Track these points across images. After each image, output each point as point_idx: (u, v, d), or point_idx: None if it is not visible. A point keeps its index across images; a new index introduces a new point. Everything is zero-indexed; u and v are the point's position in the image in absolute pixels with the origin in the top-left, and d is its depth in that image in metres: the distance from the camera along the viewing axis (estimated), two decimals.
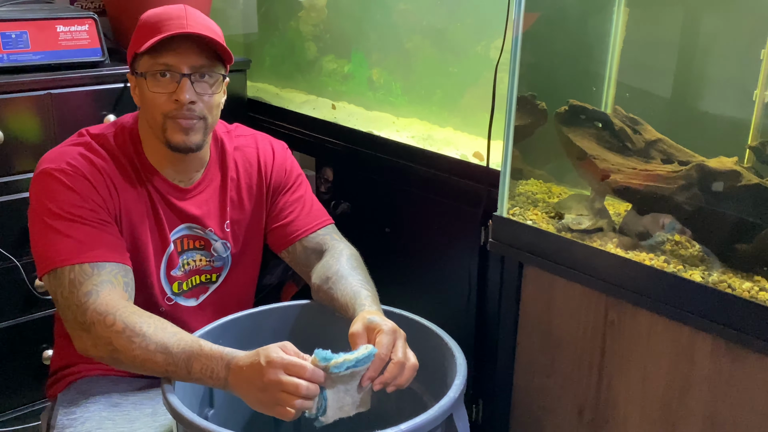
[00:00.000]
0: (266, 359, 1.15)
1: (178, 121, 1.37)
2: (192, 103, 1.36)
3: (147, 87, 1.36)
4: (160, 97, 1.36)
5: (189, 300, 1.52)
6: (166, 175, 1.45)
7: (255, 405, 1.18)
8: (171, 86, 1.36)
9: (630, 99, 1.60)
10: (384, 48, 2.10)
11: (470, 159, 1.76)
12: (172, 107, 1.36)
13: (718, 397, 1.29)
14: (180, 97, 1.35)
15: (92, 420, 1.36)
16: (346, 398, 1.19)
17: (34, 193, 1.36)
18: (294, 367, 1.14)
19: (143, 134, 1.44)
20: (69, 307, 1.28)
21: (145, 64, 1.37)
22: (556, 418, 1.58)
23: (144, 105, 1.40)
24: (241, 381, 1.18)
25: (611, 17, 1.63)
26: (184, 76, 1.35)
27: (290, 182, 1.58)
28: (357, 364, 1.17)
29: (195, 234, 1.50)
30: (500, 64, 1.55)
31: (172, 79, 1.36)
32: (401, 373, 1.21)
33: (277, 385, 1.13)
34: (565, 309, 1.51)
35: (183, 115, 1.36)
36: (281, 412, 1.14)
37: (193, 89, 1.36)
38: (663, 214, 1.40)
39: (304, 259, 1.54)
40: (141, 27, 1.39)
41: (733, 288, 1.25)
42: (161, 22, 1.36)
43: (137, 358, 1.24)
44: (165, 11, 1.38)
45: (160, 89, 1.36)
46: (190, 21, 1.36)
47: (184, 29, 1.34)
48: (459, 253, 1.76)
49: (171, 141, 1.38)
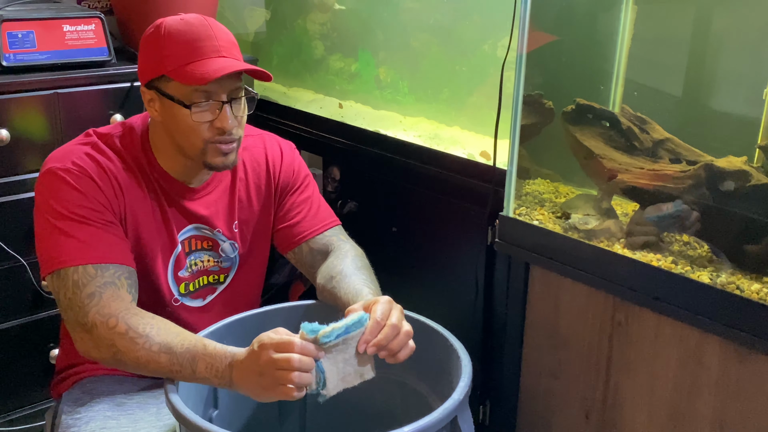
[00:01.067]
0: (258, 343, 1.16)
1: (219, 147, 1.37)
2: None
3: (188, 116, 1.34)
4: (203, 125, 1.35)
5: (196, 300, 1.52)
6: (174, 175, 1.44)
7: (258, 393, 1.18)
8: (212, 113, 1.35)
9: (638, 98, 1.59)
10: (391, 47, 2.09)
11: (477, 158, 1.75)
12: (215, 134, 1.36)
13: (726, 400, 1.28)
14: (224, 125, 1.35)
15: (96, 420, 1.36)
16: (346, 368, 1.19)
17: (40, 193, 1.36)
18: (283, 344, 1.15)
19: (157, 142, 1.42)
20: (72, 308, 1.28)
21: (181, 91, 1.34)
22: (562, 419, 1.57)
23: (180, 131, 1.37)
24: (242, 374, 1.18)
25: (619, 15, 1.62)
26: (225, 104, 1.35)
27: (298, 183, 1.58)
28: (347, 330, 1.17)
29: (203, 234, 1.49)
30: (507, 62, 1.54)
31: (214, 106, 1.35)
32: (395, 338, 1.20)
33: (271, 365, 1.14)
34: (572, 310, 1.50)
35: (224, 140, 1.37)
36: (283, 391, 1.14)
37: (233, 114, 1.36)
38: (665, 203, 1.39)
39: (310, 261, 1.54)
40: (167, 45, 1.34)
41: (742, 289, 1.23)
42: (193, 44, 1.33)
43: (140, 360, 1.24)
44: (191, 29, 1.34)
45: (204, 118, 1.35)
46: (221, 42, 1.34)
47: (219, 54, 1.33)
48: (465, 252, 1.75)
49: (211, 164, 1.39)
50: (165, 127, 1.39)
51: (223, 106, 1.35)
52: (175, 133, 1.38)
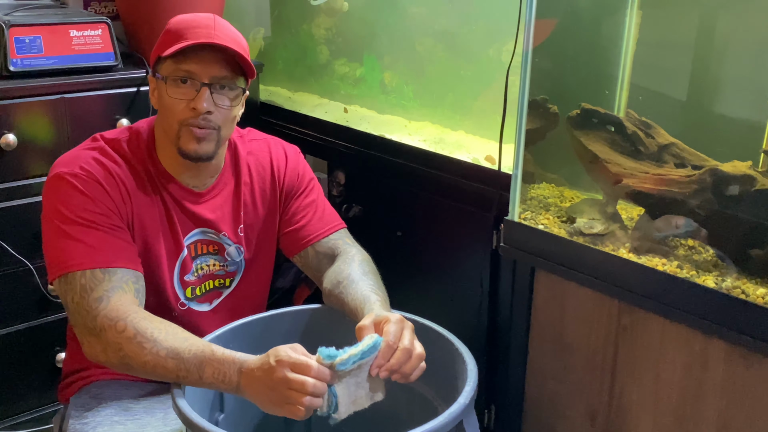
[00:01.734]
0: (275, 358, 1.16)
1: (192, 129, 1.37)
2: (209, 113, 1.36)
3: (166, 91, 1.37)
4: (179, 103, 1.36)
5: (202, 305, 1.52)
6: (180, 179, 1.45)
7: (266, 405, 1.18)
8: (190, 94, 1.36)
9: (643, 102, 1.59)
10: (396, 51, 2.10)
11: (482, 163, 1.75)
12: (189, 115, 1.36)
13: (731, 404, 1.28)
14: (197, 106, 1.35)
15: (104, 424, 1.37)
16: (358, 391, 1.19)
17: (47, 197, 1.36)
18: (300, 365, 1.14)
19: (159, 139, 1.44)
20: (79, 312, 1.28)
21: (168, 69, 1.37)
22: (568, 424, 1.57)
23: (161, 109, 1.40)
24: (252, 382, 1.18)
25: (624, 19, 1.62)
26: (204, 85, 1.35)
27: (303, 186, 1.58)
28: (363, 356, 1.17)
29: (209, 239, 1.50)
30: (512, 67, 1.54)
31: (192, 86, 1.36)
32: (407, 361, 1.20)
33: (284, 383, 1.14)
34: (578, 314, 1.50)
35: (198, 123, 1.36)
36: (291, 410, 1.15)
37: (212, 99, 1.36)
38: (676, 216, 1.39)
39: (316, 264, 1.54)
40: (168, 31, 1.39)
41: (747, 294, 1.23)
42: (189, 29, 1.36)
43: (148, 364, 1.24)
44: (194, 18, 1.38)
45: (179, 95, 1.36)
46: (218, 32, 1.36)
47: (211, 39, 1.34)
48: (470, 257, 1.75)
49: (183, 148, 1.39)
50: (159, 115, 1.41)
51: (201, 87, 1.35)
52: (161, 117, 1.40)
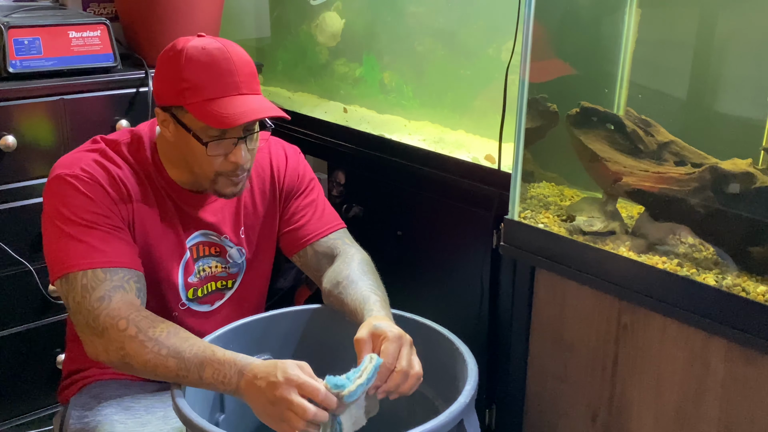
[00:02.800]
0: (284, 375, 1.14)
1: (231, 179, 1.38)
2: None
3: (202, 150, 1.34)
4: (217, 158, 1.36)
5: (203, 306, 1.52)
6: (181, 184, 1.45)
7: (262, 416, 1.18)
8: (227, 148, 1.35)
9: (642, 100, 1.59)
10: (395, 51, 2.09)
11: (482, 162, 1.75)
12: (228, 168, 1.36)
13: (732, 402, 1.28)
14: (238, 161, 1.35)
15: (104, 424, 1.37)
16: (358, 412, 1.19)
17: (48, 198, 1.36)
18: (309, 387, 1.13)
19: (169, 155, 1.42)
20: (81, 311, 1.28)
21: (197, 125, 1.33)
22: (569, 423, 1.57)
23: (193, 159, 1.37)
24: (252, 389, 1.17)
25: (623, 18, 1.62)
26: (240, 140, 1.35)
27: (303, 186, 1.58)
28: (368, 382, 1.16)
29: (210, 241, 1.50)
30: (511, 66, 1.54)
31: (229, 142, 1.35)
32: (404, 382, 1.20)
33: (286, 403, 1.13)
34: (578, 313, 1.50)
35: (236, 174, 1.38)
36: (284, 428, 1.14)
37: (247, 149, 1.37)
38: (679, 225, 1.39)
39: (315, 263, 1.54)
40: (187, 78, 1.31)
41: (748, 291, 1.23)
42: (214, 80, 1.31)
43: (149, 363, 1.24)
44: (212, 60, 1.31)
45: (218, 152, 1.35)
46: (241, 76, 1.33)
47: (240, 91, 1.32)
48: (471, 256, 1.75)
49: (221, 192, 1.40)
50: (178, 150, 1.39)
51: (238, 142, 1.35)
52: (188, 158, 1.38)
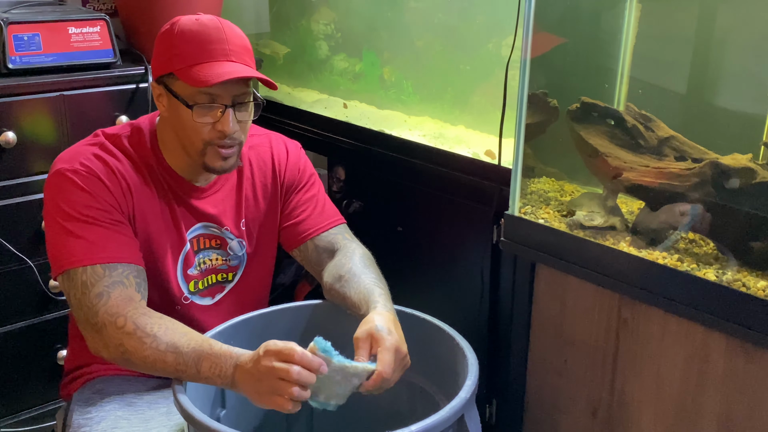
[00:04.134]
0: (264, 349, 1.17)
1: (219, 149, 1.38)
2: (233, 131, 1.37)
3: (190, 115, 1.35)
4: (204, 126, 1.36)
5: (205, 299, 1.52)
6: (182, 174, 1.45)
7: (255, 398, 1.19)
8: (214, 116, 1.35)
9: (643, 95, 1.59)
10: (395, 46, 2.09)
11: (482, 157, 1.75)
12: (215, 136, 1.36)
13: (732, 397, 1.28)
14: (225, 129, 1.35)
15: (108, 419, 1.37)
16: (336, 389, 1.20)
17: (48, 194, 1.37)
18: (285, 351, 1.16)
19: (165, 139, 1.43)
20: (81, 308, 1.29)
21: (186, 90, 1.34)
22: (569, 417, 1.57)
23: (181, 127, 1.38)
24: (243, 376, 1.19)
25: (623, 13, 1.62)
26: (228, 108, 1.35)
27: (303, 181, 1.58)
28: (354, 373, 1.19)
29: (211, 233, 1.50)
30: (511, 61, 1.54)
31: (216, 109, 1.35)
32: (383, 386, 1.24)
33: (270, 372, 1.15)
34: (578, 308, 1.50)
35: (225, 144, 1.37)
36: (278, 402, 1.15)
37: (236, 119, 1.37)
38: (680, 204, 1.38)
39: (316, 258, 1.54)
40: (176, 45, 1.34)
41: (748, 286, 1.23)
42: (202, 45, 1.33)
43: (148, 359, 1.24)
44: (203, 29, 1.34)
45: (206, 119, 1.35)
46: (232, 45, 1.35)
47: (228, 58, 1.33)
48: (471, 251, 1.75)
49: (209, 165, 1.39)
50: (171, 124, 1.40)
51: (226, 110, 1.35)
52: (178, 130, 1.39)
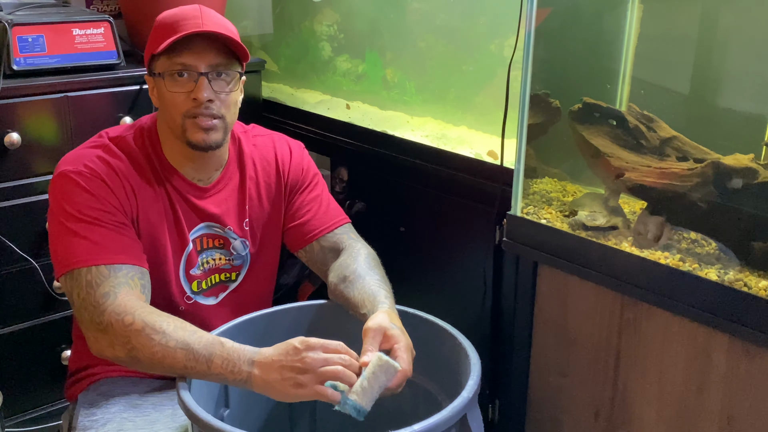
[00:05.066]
0: (302, 342, 1.19)
1: (197, 120, 1.38)
2: (210, 101, 1.37)
3: (165, 87, 1.38)
4: (179, 96, 1.37)
5: (208, 298, 1.53)
6: (185, 174, 1.46)
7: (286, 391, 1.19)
8: (189, 85, 1.37)
9: (645, 96, 1.59)
10: (398, 47, 2.10)
11: (484, 158, 1.75)
12: (191, 106, 1.37)
13: (735, 397, 1.28)
14: (198, 96, 1.36)
15: (113, 421, 1.37)
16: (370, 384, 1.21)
17: (52, 195, 1.37)
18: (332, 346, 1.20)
19: (162, 134, 1.45)
20: (86, 307, 1.29)
21: (163, 65, 1.38)
22: (572, 418, 1.57)
23: (163, 105, 1.41)
24: (270, 371, 1.19)
25: (625, 13, 1.62)
26: (201, 75, 1.36)
27: (307, 181, 1.59)
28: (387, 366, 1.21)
29: (214, 233, 1.50)
30: (513, 62, 1.55)
31: (190, 78, 1.37)
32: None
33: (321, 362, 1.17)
34: (581, 308, 1.50)
35: (201, 113, 1.38)
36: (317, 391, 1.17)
37: (211, 87, 1.37)
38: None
39: (321, 258, 1.55)
40: (157, 28, 1.40)
41: (750, 286, 1.24)
42: (177, 22, 1.37)
43: (156, 355, 1.24)
44: (181, 11, 1.40)
45: (179, 89, 1.37)
46: (206, 20, 1.38)
47: (199, 28, 1.36)
48: (473, 252, 1.75)
49: (191, 140, 1.40)
50: (161, 111, 1.42)
51: (199, 77, 1.36)
52: (163, 113, 1.41)
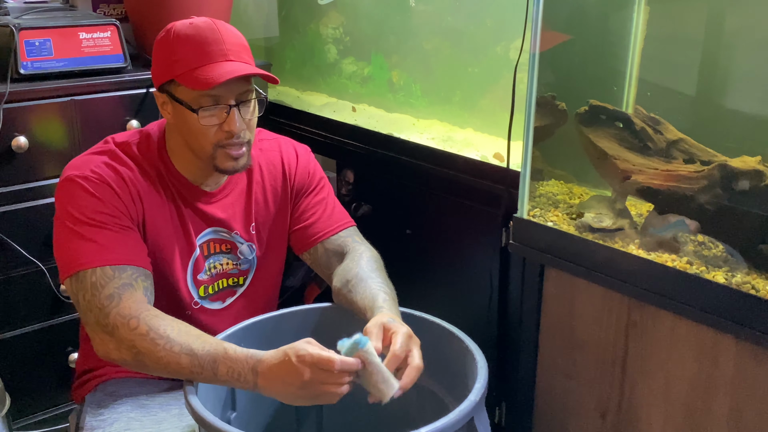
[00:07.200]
0: (296, 356, 1.18)
1: (228, 151, 1.39)
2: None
3: (196, 120, 1.36)
4: (211, 128, 1.37)
5: (215, 303, 1.53)
6: (191, 179, 1.46)
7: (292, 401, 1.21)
8: (220, 117, 1.36)
9: (651, 98, 1.59)
10: (404, 50, 2.10)
11: (490, 160, 1.75)
12: (223, 137, 1.37)
13: (742, 400, 1.28)
14: (232, 129, 1.36)
15: (120, 421, 1.38)
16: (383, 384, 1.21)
17: (59, 200, 1.38)
18: (324, 363, 1.17)
19: (173, 145, 1.44)
20: (91, 309, 1.30)
21: (189, 95, 1.35)
22: (579, 420, 1.57)
23: (189, 133, 1.39)
24: (273, 382, 1.20)
25: (631, 15, 1.62)
26: (232, 107, 1.36)
27: (313, 184, 1.59)
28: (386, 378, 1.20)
29: (221, 237, 1.51)
30: (520, 64, 1.55)
31: (221, 110, 1.36)
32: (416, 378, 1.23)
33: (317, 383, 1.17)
34: (587, 311, 1.50)
35: (233, 143, 1.38)
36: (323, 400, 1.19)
37: (242, 118, 1.37)
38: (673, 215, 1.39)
39: (326, 261, 1.55)
40: (176, 50, 1.35)
41: (757, 289, 1.23)
42: (200, 48, 1.34)
43: (161, 360, 1.25)
44: (198, 33, 1.35)
45: (211, 122, 1.36)
46: (228, 45, 1.35)
47: (227, 58, 1.34)
48: (480, 254, 1.75)
49: (221, 167, 1.40)
50: (178, 130, 1.41)
51: (230, 110, 1.36)
52: (186, 135, 1.40)
